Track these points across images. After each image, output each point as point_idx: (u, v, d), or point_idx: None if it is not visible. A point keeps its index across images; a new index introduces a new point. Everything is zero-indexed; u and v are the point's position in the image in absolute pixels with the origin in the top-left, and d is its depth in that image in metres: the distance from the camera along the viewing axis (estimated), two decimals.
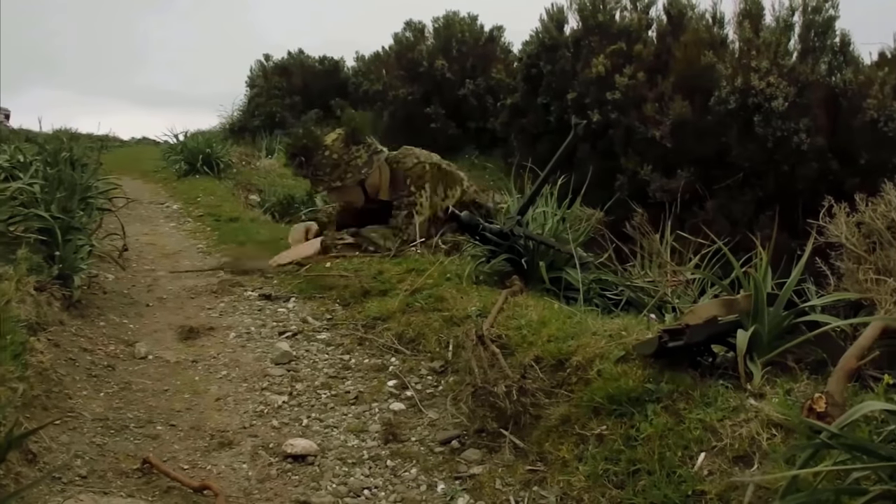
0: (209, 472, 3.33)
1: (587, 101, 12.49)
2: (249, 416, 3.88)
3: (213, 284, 6.21)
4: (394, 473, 3.35)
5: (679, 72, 11.91)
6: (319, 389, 4.20)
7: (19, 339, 3.77)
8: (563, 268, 5.21)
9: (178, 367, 4.52)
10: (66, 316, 4.89)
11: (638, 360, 3.23)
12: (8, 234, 5.10)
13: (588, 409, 3.17)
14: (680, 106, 11.22)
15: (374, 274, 5.72)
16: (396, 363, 4.44)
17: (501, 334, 4.01)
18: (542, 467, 3.16)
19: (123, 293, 5.90)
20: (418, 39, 18.87)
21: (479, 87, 17.20)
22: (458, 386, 3.95)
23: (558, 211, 5.73)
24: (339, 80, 23.10)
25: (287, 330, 5.10)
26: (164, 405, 4.00)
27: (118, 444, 3.52)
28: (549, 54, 13.86)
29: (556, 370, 3.57)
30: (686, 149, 11.21)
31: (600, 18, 13.43)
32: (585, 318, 3.98)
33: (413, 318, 4.80)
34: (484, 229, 5.35)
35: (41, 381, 3.76)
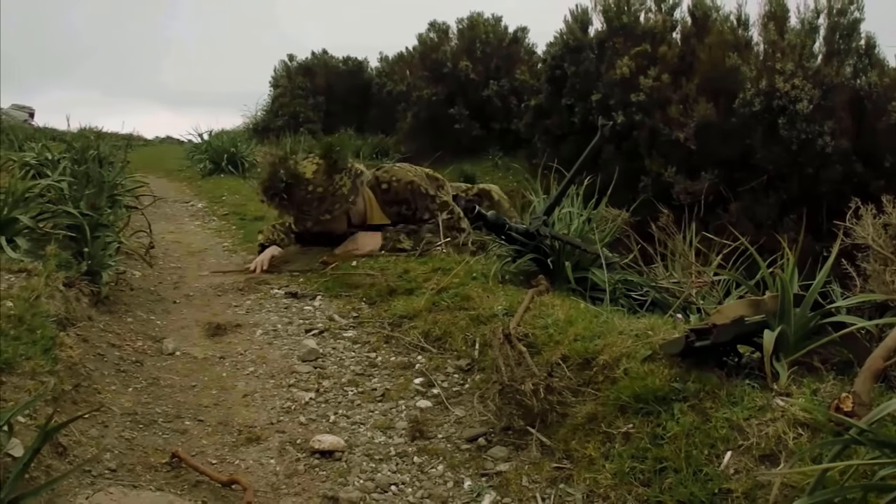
0: (237, 466, 3.35)
1: (611, 102, 12.49)
2: (277, 413, 3.90)
3: (239, 282, 6.24)
4: (420, 470, 3.37)
5: (703, 74, 11.90)
6: (346, 386, 4.22)
7: (49, 334, 3.81)
8: (588, 268, 5.22)
9: (206, 364, 4.55)
10: (95, 312, 4.93)
11: (664, 360, 3.24)
12: (37, 230, 5.15)
13: (614, 407, 3.18)
14: (704, 108, 11.21)
15: (399, 273, 5.73)
16: (423, 361, 4.46)
17: (528, 333, 4.03)
18: (569, 465, 3.17)
19: (150, 290, 5.94)
20: (442, 40, 18.88)
21: (503, 89, 17.20)
22: (484, 384, 3.96)
23: (584, 211, 5.74)
24: (363, 80, 23.14)
25: (314, 328, 5.13)
26: (191, 401, 4.03)
27: (147, 439, 3.54)
28: (573, 56, 13.87)
29: (582, 369, 3.58)
30: (710, 151, 11.20)
31: (625, 20, 13.43)
32: (612, 317, 3.99)
33: (439, 316, 4.82)
34: (510, 229, 5.36)
35: (70, 375, 3.79)
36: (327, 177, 6.71)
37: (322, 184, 6.68)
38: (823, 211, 9.52)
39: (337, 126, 21.46)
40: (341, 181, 6.73)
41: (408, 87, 18.92)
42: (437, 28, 19.23)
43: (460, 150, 16.81)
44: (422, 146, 17.72)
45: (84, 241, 5.19)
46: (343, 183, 6.72)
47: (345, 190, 6.72)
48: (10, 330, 3.70)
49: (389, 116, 20.54)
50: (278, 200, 6.73)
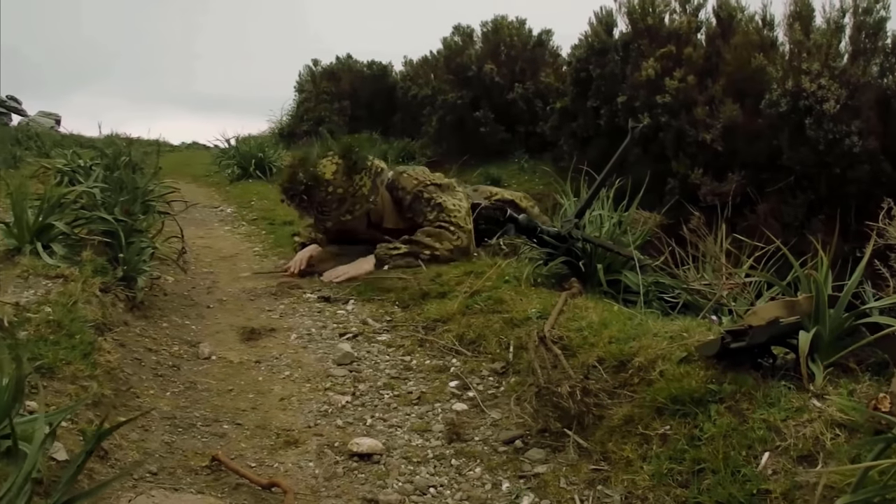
0: (276, 469, 3.38)
1: (637, 104, 12.47)
2: (314, 416, 3.93)
3: (271, 287, 6.29)
4: (458, 472, 3.39)
5: (729, 74, 11.87)
6: (382, 390, 4.25)
7: (88, 339, 3.86)
8: (620, 270, 5.24)
9: (242, 368, 4.59)
10: (130, 317, 4.98)
11: (700, 361, 3.25)
12: (72, 236, 5.20)
13: (651, 409, 3.20)
14: (730, 109, 11.18)
15: (432, 276, 5.77)
16: (457, 364, 4.49)
17: (562, 335, 4.05)
18: (606, 466, 3.19)
19: (184, 295, 5.99)
20: (467, 44, 18.87)
21: (527, 91, 17.17)
22: (519, 387, 3.99)
23: (614, 214, 5.75)
24: (387, 84, 23.16)
25: (348, 331, 5.16)
26: (229, 404, 4.06)
27: (186, 442, 3.58)
28: (598, 58, 13.85)
29: (617, 371, 3.60)
30: (737, 152, 11.18)
31: (650, 21, 13.39)
32: (646, 319, 4.01)
33: (473, 319, 4.85)
34: (542, 232, 5.38)
35: (109, 379, 3.84)
36: (347, 177, 6.73)
37: (342, 185, 6.70)
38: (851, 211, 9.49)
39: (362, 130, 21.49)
40: (361, 181, 6.76)
41: (433, 90, 18.91)
42: (461, 31, 19.22)
43: (486, 153, 16.81)
44: (447, 150, 17.73)
45: (119, 247, 5.25)
46: (363, 183, 6.76)
47: (365, 190, 6.75)
48: (50, 335, 3.75)
49: (414, 120, 20.55)
50: (298, 201, 6.79)
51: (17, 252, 4.94)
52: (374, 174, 6.86)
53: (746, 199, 10.62)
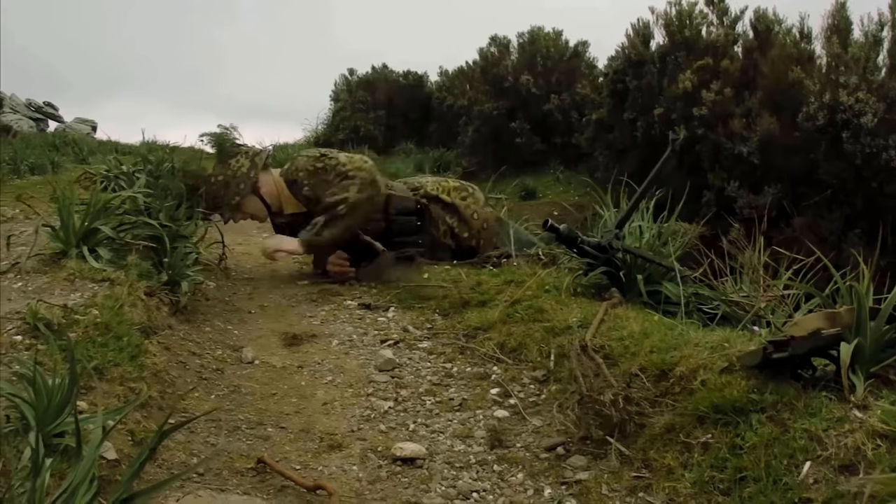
0: (320, 473, 3.42)
1: (674, 116, 12.46)
2: (357, 421, 3.97)
3: (312, 293, 6.34)
4: (501, 478, 3.42)
5: (766, 87, 11.83)
6: (424, 396, 4.29)
7: (135, 342, 3.92)
8: (659, 281, 5.26)
9: (285, 372, 4.64)
10: (174, 321, 5.04)
11: (741, 371, 3.27)
12: (118, 240, 5.26)
13: (693, 418, 3.22)
14: (767, 122, 11.15)
15: (472, 285, 5.79)
16: (499, 372, 4.51)
17: (604, 345, 4.07)
18: (648, 474, 3.21)
19: (225, 300, 6.05)
20: (503, 54, 18.91)
21: (563, 103, 17.19)
22: (560, 395, 4.02)
23: (653, 225, 5.77)
24: (423, 94, 23.21)
25: (389, 338, 5.21)
26: (273, 408, 4.11)
27: (231, 444, 3.63)
28: (635, 70, 13.85)
29: (659, 380, 3.62)
30: (773, 165, 11.14)
31: (687, 34, 13.39)
32: (687, 330, 4.03)
33: (514, 328, 4.88)
34: (582, 242, 5.40)
35: (156, 382, 3.90)
36: (223, 164, 7.06)
37: (220, 171, 7.02)
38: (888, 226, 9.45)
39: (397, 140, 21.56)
40: (238, 163, 7.02)
41: (469, 101, 18.94)
42: (497, 42, 19.25)
43: (522, 164, 16.82)
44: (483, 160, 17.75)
45: (164, 252, 5.31)
46: (241, 164, 7.01)
47: (244, 169, 6.98)
48: (98, 337, 3.80)
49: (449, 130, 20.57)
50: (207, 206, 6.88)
51: (64, 255, 5.00)
52: (251, 155, 7.12)
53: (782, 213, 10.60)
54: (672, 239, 5.64)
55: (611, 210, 6.07)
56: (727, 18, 13.47)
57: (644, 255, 5.28)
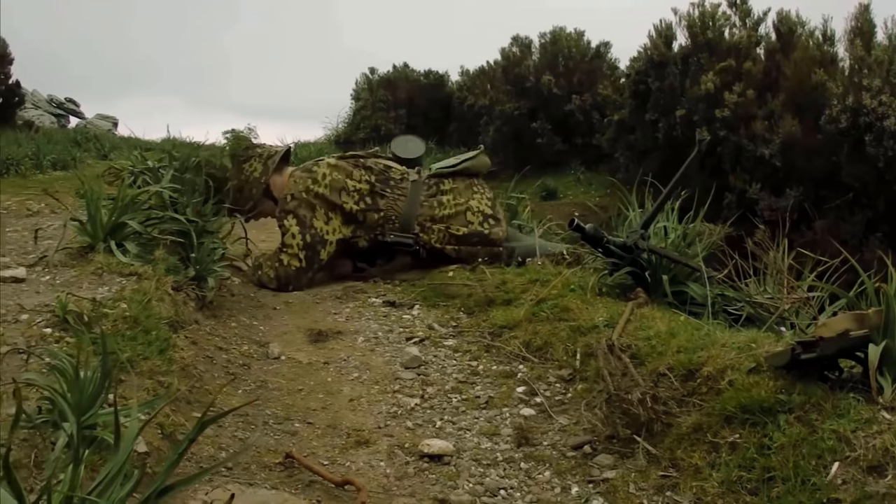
0: (348, 468, 3.45)
1: (696, 118, 12.44)
2: (383, 417, 4.00)
3: (337, 291, 6.36)
4: (528, 475, 3.44)
5: (789, 90, 11.81)
6: (450, 393, 4.31)
7: (164, 336, 3.96)
8: (685, 282, 5.26)
9: (311, 368, 4.67)
10: (201, 316, 5.08)
11: (769, 372, 3.28)
12: (145, 235, 5.29)
13: (720, 417, 3.23)
14: (790, 124, 11.13)
15: (497, 283, 5.81)
16: (524, 370, 4.53)
17: (630, 344, 4.08)
18: (675, 473, 3.22)
19: (250, 296, 6.09)
20: (525, 55, 18.90)
21: (585, 103, 17.18)
22: (587, 393, 4.03)
23: (678, 226, 5.76)
24: (444, 94, 23.18)
25: (414, 336, 5.23)
26: (299, 403, 4.14)
27: (259, 439, 3.66)
28: (657, 71, 13.82)
29: (686, 380, 3.63)
30: (795, 168, 11.11)
31: (709, 35, 13.37)
32: (713, 330, 4.03)
33: (539, 327, 4.89)
34: (608, 242, 5.40)
35: (184, 376, 3.93)
36: (238, 169, 7.18)
37: (235, 176, 7.12)
38: None
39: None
40: (251, 167, 7.12)
41: (490, 101, 18.93)
42: (519, 42, 19.25)
43: (542, 164, 16.79)
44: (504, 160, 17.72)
45: (190, 247, 5.34)
46: (254, 168, 7.11)
47: (256, 174, 7.07)
48: (127, 331, 3.83)
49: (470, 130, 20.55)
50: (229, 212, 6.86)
51: (91, 249, 5.05)
52: (265, 158, 7.17)
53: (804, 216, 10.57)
54: (698, 240, 5.63)
55: (636, 210, 6.07)
56: (750, 20, 13.44)
57: (670, 255, 5.28)
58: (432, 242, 6.92)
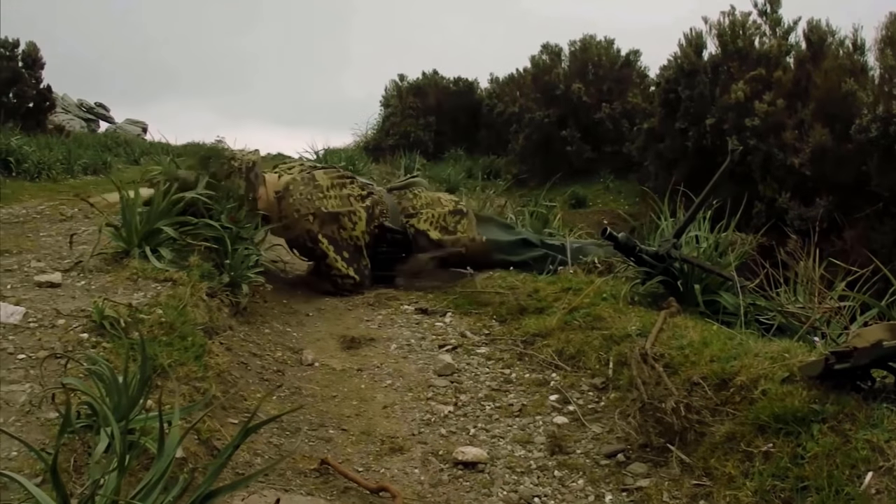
0: (382, 475, 3.48)
1: (726, 126, 12.43)
2: (417, 424, 4.03)
3: (369, 298, 6.38)
4: (561, 483, 3.45)
5: (819, 99, 11.79)
6: (483, 401, 4.33)
7: (199, 342, 4.00)
8: (717, 291, 5.25)
9: (344, 375, 4.70)
10: (235, 322, 5.11)
11: (802, 382, 3.28)
12: (179, 241, 5.31)
13: (753, 427, 3.23)
14: (820, 133, 11.11)
15: (529, 292, 5.82)
16: (557, 378, 4.54)
17: (663, 353, 4.09)
18: (708, 482, 3.23)
19: (283, 302, 6.11)
20: (555, 62, 18.92)
21: (614, 111, 17.19)
22: (620, 402, 4.04)
23: (710, 235, 5.76)
24: (473, 101, 23.22)
25: (447, 343, 5.26)
26: (333, 410, 4.17)
27: (294, 446, 3.70)
28: (687, 79, 13.83)
29: (719, 389, 3.63)
30: (825, 177, 11.09)
31: (739, 44, 13.37)
32: (746, 340, 4.03)
33: (572, 335, 4.90)
34: (640, 251, 5.40)
35: (219, 382, 3.96)
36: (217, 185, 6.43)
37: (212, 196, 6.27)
38: None
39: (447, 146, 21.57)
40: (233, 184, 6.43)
41: (520, 108, 18.96)
42: (549, 50, 19.29)
43: (571, 172, 16.80)
44: (533, 168, 17.77)
45: (225, 253, 5.36)
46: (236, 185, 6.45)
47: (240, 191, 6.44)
48: (163, 336, 3.86)
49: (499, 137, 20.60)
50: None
51: (126, 255, 5.08)
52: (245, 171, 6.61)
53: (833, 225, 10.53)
54: (730, 249, 5.62)
55: (668, 220, 6.06)
56: (780, 29, 13.44)
57: (703, 265, 5.28)
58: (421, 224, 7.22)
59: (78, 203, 7.17)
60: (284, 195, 6.77)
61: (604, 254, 6.61)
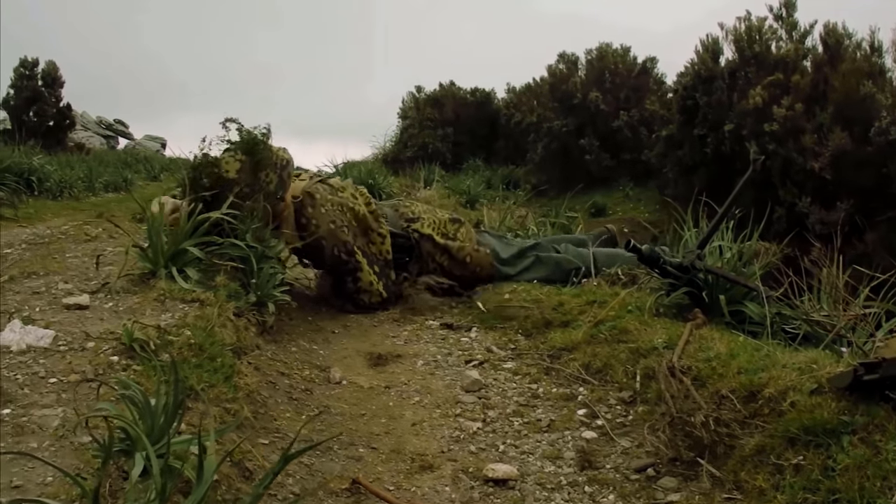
0: (413, 493, 3.48)
1: (744, 132, 12.41)
2: (447, 441, 4.04)
3: (394, 313, 6.40)
4: (592, 499, 3.46)
5: (837, 102, 11.75)
6: (511, 417, 4.33)
7: (229, 363, 4.01)
8: (741, 301, 5.25)
9: (372, 393, 4.72)
10: (261, 341, 5.13)
11: (831, 393, 3.28)
12: (205, 261, 5.34)
13: (783, 439, 3.23)
14: (839, 137, 11.07)
15: (554, 305, 5.83)
16: (585, 393, 4.55)
17: (691, 366, 4.09)
18: (739, 496, 3.23)
19: (308, 320, 6.14)
20: (571, 71, 18.94)
21: (632, 119, 17.19)
22: (648, 416, 4.05)
23: (734, 244, 5.75)
24: (491, 111, 23.28)
25: (473, 359, 5.28)
26: (362, 428, 4.18)
27: (325, 465, 3.71)
28: (704, 85, 13.80)
29: (747, 401, 3.63)
30: (845, 180, 11.05)
31: (756, 49, 13.34)
32: (774, 351, 4.03)
33: (598, 349, 4.91)
34: (664, 263, 5.41)
35: (249, 402, 3.97)
36: (252, 174, 6.34)
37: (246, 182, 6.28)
38: None
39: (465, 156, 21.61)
40: (267, 178, 6.39)
41: (538, 118, 18.99)
42: (566, 59, 19.29)
43: (591, 180, 16.79)
44: (552, 177, 17.78)
45: (251, 273, 5.39)
46: (269, 179, 6.40)
47: (272, 186, 6.41)
48: (192, 358, 3.89)
49: (517, 147, 20.64)
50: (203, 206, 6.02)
51: (153, 276, 5.11)
52: (280, 168, 6.55)
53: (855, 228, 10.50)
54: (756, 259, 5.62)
55: (691, 230, 6.06)
56: (796, 33, 13.40)
57: (728, 275, 5.27)
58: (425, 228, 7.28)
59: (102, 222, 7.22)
60: (311, 202, 6.68)
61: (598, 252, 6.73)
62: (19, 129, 19.24)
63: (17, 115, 20.52)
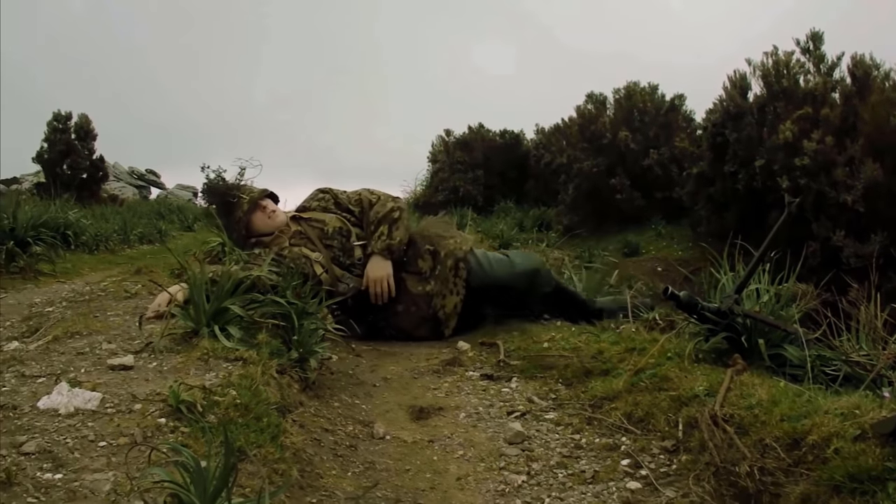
0: None
1: (775, 167, 12.42)
2: (492, 495, 4.03)
3: (433, 365, 6.42)
4: None
5: (868, 134, 11.75)
6: (555, 469, 4.33)
7: (275, 422, 4.04)
8: (780, 344, 5.26)
9: (416, 447, 4.72)
10: (304, 397, 5.15)
11: (874, 439, 3.29)
12: (246, 318, 5.39)
13: (828, 487, 3.24)
14: (871, 169, 11.08)
15: (593, 353, 5.84)
16: (627, 442, 4.54)
17: (733, 414, 4.09)
18: None
19: (349, 374, 6.16)
20: (600, 111, 19.01)
21: (663, 157, 17.22)
22: (692, 465, 4.04)
23: (770, 287, 5.76)
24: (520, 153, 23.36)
25: (515, 410, 5.26)
26: (408, 484, 4.19)
27: None
28: (734, 122, 13.84)
29: (791, 449, 3.64)
30: (878, 212, 11.06)
31: (784, 83, 13.37)
32: (815, 396, 4.04)
33: (639, 397, 4.90)
34: (703, 308, 5.43)
35: (295, 461, 4.00)
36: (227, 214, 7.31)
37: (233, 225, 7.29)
38: None
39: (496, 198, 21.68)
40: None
41: (568, 158, 19.04)
42: (594, 99, 19.37)
43: (623, 219, 16.85)
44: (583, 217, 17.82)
45: (292, 329, 5.43)
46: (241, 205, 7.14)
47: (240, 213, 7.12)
48: (238, 418, 3.92)
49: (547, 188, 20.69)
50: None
51: (195, 334, 5.15)
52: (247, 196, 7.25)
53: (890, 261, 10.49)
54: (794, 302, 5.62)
55: (727, 273, 6.07)
56: (824, 66, 13.42)
57: (766, 319, 5.28)
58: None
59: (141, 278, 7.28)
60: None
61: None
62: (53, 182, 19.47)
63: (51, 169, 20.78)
